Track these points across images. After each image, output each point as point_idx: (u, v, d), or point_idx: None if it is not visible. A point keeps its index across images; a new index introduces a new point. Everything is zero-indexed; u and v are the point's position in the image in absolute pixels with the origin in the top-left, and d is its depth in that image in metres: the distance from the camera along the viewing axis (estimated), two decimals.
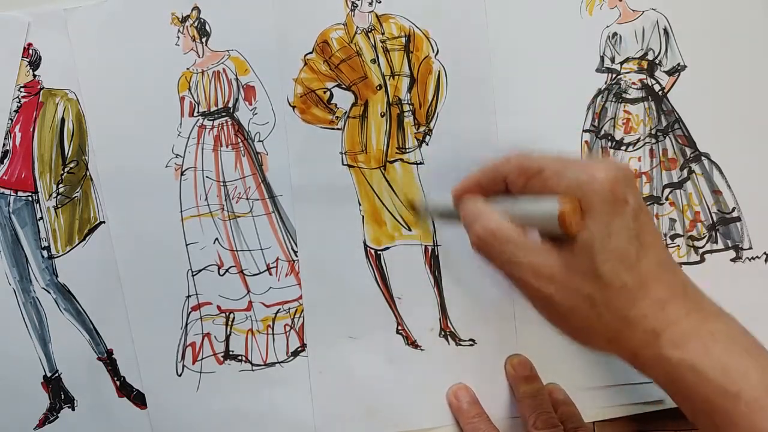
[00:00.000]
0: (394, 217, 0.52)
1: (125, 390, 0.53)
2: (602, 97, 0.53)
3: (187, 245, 0.52)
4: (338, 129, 0.52)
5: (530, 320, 0.52)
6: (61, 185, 0.53)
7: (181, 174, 0.52)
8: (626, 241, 0.34)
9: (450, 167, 0.52)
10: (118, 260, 0.52)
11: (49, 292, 0.53)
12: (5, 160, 0.53)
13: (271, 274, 0.53)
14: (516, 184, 0.38)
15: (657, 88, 0.53)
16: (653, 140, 0.53)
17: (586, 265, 0.34)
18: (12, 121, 0.53)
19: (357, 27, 0.52)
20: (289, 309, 0.53)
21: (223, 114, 0.53)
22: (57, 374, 0.53)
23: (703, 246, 0.53)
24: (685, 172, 0.53)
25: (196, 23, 0.52)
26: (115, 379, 0.53)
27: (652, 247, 0.34)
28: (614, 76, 0.53)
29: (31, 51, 0.52)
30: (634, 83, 0.53)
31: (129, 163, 0.52)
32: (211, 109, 0.53)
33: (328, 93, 0.52)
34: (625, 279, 0.34)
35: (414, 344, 0.52)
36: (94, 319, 0.53)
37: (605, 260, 0.33)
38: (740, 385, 0.31)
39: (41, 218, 0.53)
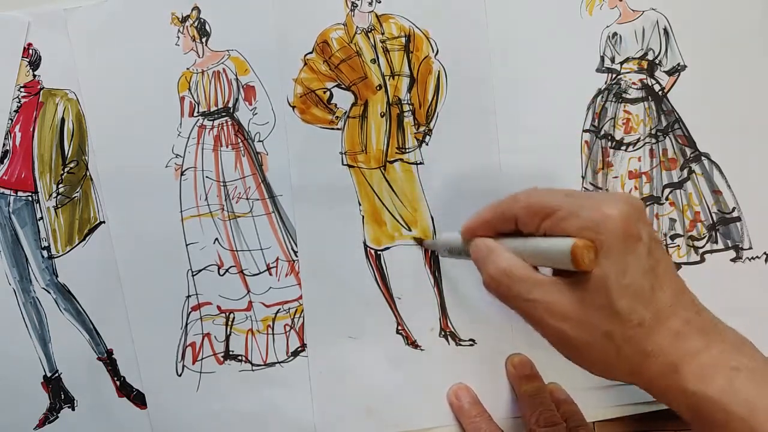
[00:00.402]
0: (394, 217, 0.52)
1: (125, 390, 0.53)
2: (602, 97, 0.53)
3: (187, 245, 0.52)
4: (338, 129, 0.52)
5: None
6: (61, 185, 0.53)
7: (181, 174, 0.52)
8: (641, 277, 0.34)
9: (450, 167, 0.52)
10: (118, 260, 0.52)
11: (49, 292, 0.53)
12: (5, 160, 0.53)
13: (271, 274, 0.53)
14: (528, 225, 0.38)
15: (657, 88, 0.53)
16: (653, 140, 0.53)
17: (602, 301, 0.34)
18: (12, 121, 0.53)
19: (357, 27, 0.52)
20: (289, 309, 0.53)
21: (223, 114, 0.53)
22: (57, 374, 0.53)
23: (703, 246, 0.53)
24: (685, 172, 0.53)
25: (196, 23, 0.52)
26: (115, 379, 0.53)
27: (667, 279, 0.34)
28: (614, 76, 0.53)
29: (31, 51, 0.52)
30: (634, 83, 0.53)
31: (129, 163, 0.52)
32: (211, 109, 0.53)
33: (328, 93, 0.52)
34: (642, 314, 0.34)
35: (414, 344, 0.52)
36: (94, 319, 0.53)
37: (621, 296, 0.33)
38: (765, 422, 0.31)
39: (41, 218, 0.53)
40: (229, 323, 0.53)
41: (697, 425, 0.34)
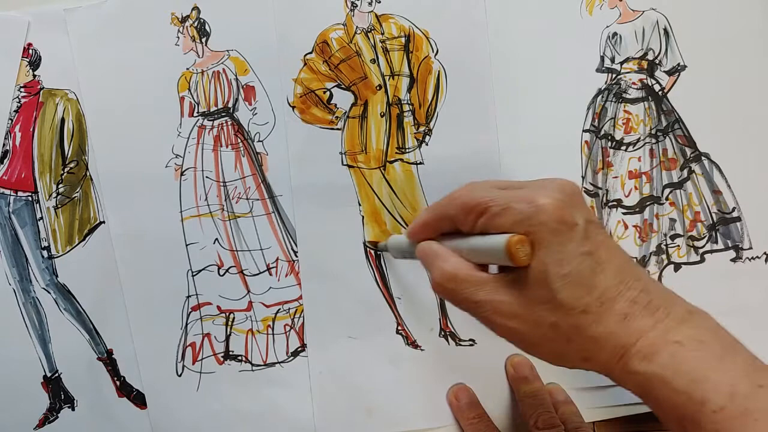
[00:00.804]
0: (394, 217, 0.52)
1: (125, 390, 0.53)
2: (602, 97, 0.53)
3: (187, 245, 0.52)
4: (338, 129, 0.52)
5: None
6: (61, 185, 0.53)
7: (181, 174, 0.52)
8: (579, 264, 0.33)
9: (450, 167, 0.52)
10: (118, 260, 0.52)
11: (49, 292, 0.53)
12: (5, 160, 0.53)
13: (271, 274, 0.53)
14: (464, 224, 0.37)
15: (657, 88, 0.53)
16: (653, 140, 0.53)
17: (544, 294, 0.34)
18: (12, 121, 0.53)
19: (357, 27, 0.52)
20: (289, 309, 0.53)
21: (223, 114, 0.53)
22: (57, 374, 0.53)
23: (703, 246, 0.53)
24: (685, 172, 0.53)
25: (196, 23, 0.52)
26: (115, 379, 0.53)
27: (608, 261, 0.34)
28: (614, 76, 0.53)
29: (31, 51, 0.53)
30: (634, 83, 0.53)
31: (129, 163, 0.52)
32: (211, 109, 0.53)
33: (328, 93, 0.52)
34: (586, 301, 0.33)
35: (414, 344, 0.52)
36: (94, 319, 0.53)
37: (561, 287, 0.33)
38: (707, 394, 0.31)
39: (41, 218, 0.53)
40: (229, 323, 0.53)
41: (648, 403, 0.34)
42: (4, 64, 0.52)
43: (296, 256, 0.52)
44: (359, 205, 0.52)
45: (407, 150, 0.52)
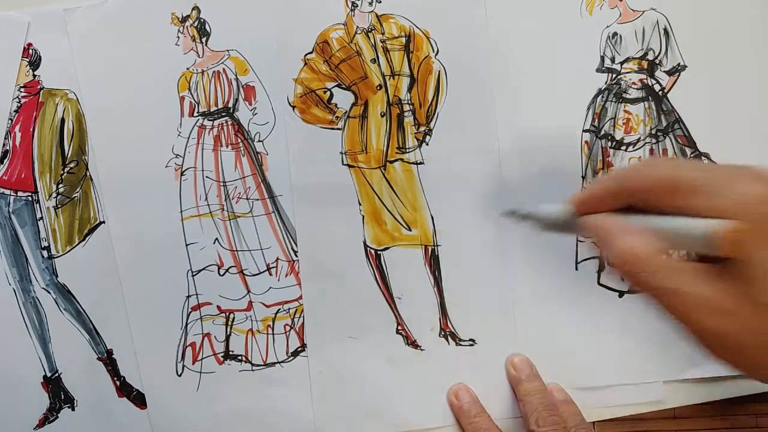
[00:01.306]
0: (394, 217, 0.52)
1: (125, 390, 0.53)
2: (602, 97, 0.53)
3: (187, 245, 0.52)
4: (338, 129, 0.52)
5: (530, 320, 0.52)
6: (61, 185, 0.53)
7: (181, 174, 0.52)
8: None
9: (450, 167, 0.52)
10: (118, 260, 0.52)
11: (49, 292, 0.53)
12: (5, 160, 0.53)
13: (271, 274, 0.53)
14: (648, 201, 0.33)
15: (657, 88, 0.53)
16: (653, 140, 0.53)
17: (764, 293, 0.29)
18: (12, 121, 0.53)
19: (357, 27, 0.52)
20: (289, 309, 0.53)
21: (223, 114, 0.53)
22: (57, 374, 0.53)
23: None
24: None
25: (196, 23, 0.52)
26: (115, 379, 0.53)
27: None
28: (614, 76, 0.53)
29: (31, 51, 0.52)
30: (634, 83, 0.53)
31: (129, 163, 0.52)
32: (211, 109, 0.53)
33: (328, 93, 0.52)
34: None
35: (414, 344, 0.52)
36: (94, 319, 0.53)
37: None
38: None
39: (41, 218, 0.53)
40: (229, 323, 0.53)
41: None
42: (4, 64, 0.52)
43: (296, 256, 0.52)
44: (359, 205, 0.52)
45: (407, 150, 0.52)
